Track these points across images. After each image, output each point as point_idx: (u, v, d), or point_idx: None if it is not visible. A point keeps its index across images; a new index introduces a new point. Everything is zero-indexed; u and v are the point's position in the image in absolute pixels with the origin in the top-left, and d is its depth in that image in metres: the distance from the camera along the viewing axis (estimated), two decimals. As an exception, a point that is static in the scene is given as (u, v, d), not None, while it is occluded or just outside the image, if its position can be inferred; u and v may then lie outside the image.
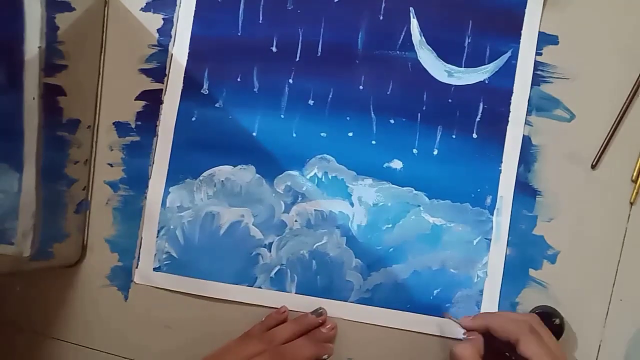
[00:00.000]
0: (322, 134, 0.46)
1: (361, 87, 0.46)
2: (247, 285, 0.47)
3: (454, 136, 0.45)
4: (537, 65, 0.45)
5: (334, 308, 0.46)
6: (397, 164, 0.46)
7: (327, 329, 0.45)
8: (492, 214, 0.45)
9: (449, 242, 0.45)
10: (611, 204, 0.44)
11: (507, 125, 0.45)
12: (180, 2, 0.48)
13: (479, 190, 0.45)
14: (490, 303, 0.44)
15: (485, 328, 0.39)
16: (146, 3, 0.49)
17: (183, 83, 0.48)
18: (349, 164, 0.46)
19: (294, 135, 0.47)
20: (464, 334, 0.41)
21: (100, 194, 0.49)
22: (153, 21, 0.49)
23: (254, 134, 0.47)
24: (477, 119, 0.45)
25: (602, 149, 0.44)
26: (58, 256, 0.46)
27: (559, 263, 0.44)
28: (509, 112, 0.45)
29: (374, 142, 0.46)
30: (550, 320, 0.42)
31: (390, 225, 0.45)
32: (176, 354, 0.47)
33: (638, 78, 0.43)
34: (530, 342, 0.36)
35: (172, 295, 0.48)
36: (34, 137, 0.41)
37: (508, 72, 0.45)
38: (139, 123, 0.49)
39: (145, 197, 0.48)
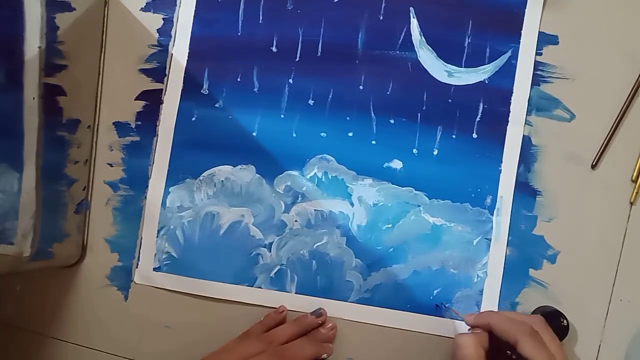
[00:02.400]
0: (322, 134, 0.46)
1: (361, 87, 0.46)
2: (247, 285, 0.47)
3: (454, 136, 0.45)
4: (537, 65, 0.45)
5: (334, 308, 0.46)
6: (397, 164, 0.46)
7: (327, 329, 0.45)
8: (492, 214, 0.45)
9: (449, 242, 0.45)
10: (611, 204, 0.44)
11: (507, 125, 0.45)
12: (180, 2, 0.48)
13: (479, 190, 0.45)
14: (490, 303, 0.44)
15: (487, 326, 0.39)
16: (146, 3, 0.49)
17: (183, 83, 0.48)
18: (349, 164, 0.46)
19: (294, 135, 0.47)
20: (469, 329, 0.41)
21: (100, 194, 0.49)
22: (153, 21, 0.49)
23: (254, 134, 0.47)
24: (477, 119, 0.45)
25: (602, 149, 0.44)
26: (58, 256, 0.46)
27: (559, 263, 0.44)
28: (509, 112, 0.45)
29: (374, 142, 0.46)
30: (559, 320, 0.42)
31: (390, 225, 0.45)
32: (176, 354, 0.47)
33: (638, 78, 0.43)
34: (528, 344, 0.36)
35: (172, 295, 0.48)
36: (34, 137, 0.41)
37: (508, 72, 0.45)
38: (139, 123, 0.49)
39: (145, 197, 0.48)
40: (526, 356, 0.36)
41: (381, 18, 0.46)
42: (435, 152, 0.45)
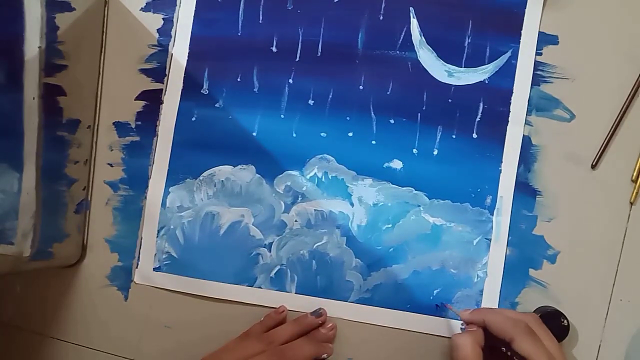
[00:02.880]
0: (322, 134, 0.46)
1: (361, 87, 0.46)
2: (247, 285, 0.47)
3: (454, 136, 0.45)
4: (537, 65, 0.45)
5: (334, 308, 0.46)
6: (397, 164, 0.46)
7: (327, 329, 0.45)
8: (492, 214, 0.45)
9: (449, 242, 0.45)
10: (611, 204, 0.44)
11: (507, 125, 0.45)
12: (180, 2, 0.48)
13: (479, 190, 0.45)
14: (490, 303, 0.44)
15: (483, 323, 0.39)
16: (146, 3, 0.49)
17: (183, 83, 0.48)
18: (349, 164, 0.46)
19: (294, 135, 0.47)
20: (462, 324, 0.41)
21: (100, 194, 0.49)
22: (153, 21, 0.49)
23: (254, 134, 0.47)
24: (477, 119, 0.45)
25: (602, 149, 0.44)
26: (58, 256, 0.46)
27: (559, 263, 0.44)
28: (509, 112, 0.45)
29: (374, 142, 0.46)
30: (559, 321, 0.42)
31: (390, 225, 0.45)
32: (176, 354, 0.47)
33: (638, 78, 0.43)
34: (524, 342, 0.36)
35: (172, 295, 0.48)
36: (34, 137, 0.41)
37: (508, 72, 0.45)
38: (139, 123, 0.49)
39: (145, 197, 0.48)
40: (522, 353, 0.36)
41: (381, 18, 0.46)
42: (435, 152, 0.45)
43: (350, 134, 0.46)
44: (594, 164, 0.44)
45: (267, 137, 0.47)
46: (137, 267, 0.48)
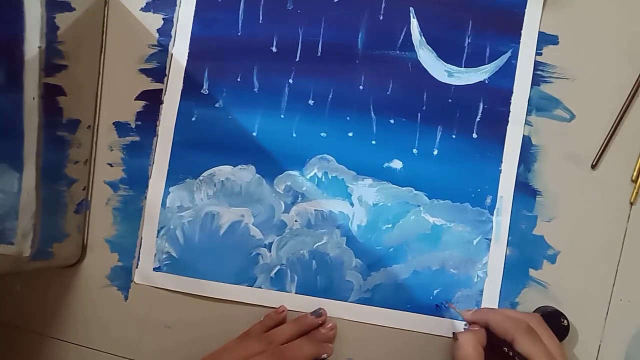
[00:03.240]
0: (322, 134, 0.46)
1: (361, 87, 0.46)
2: (247, 285, 0.47)
3: (454, 136, 0.45)
4: (537, 65, 0.45)
5: (334, 308, 0.46)
6: (397, 164, 0.46)
7: (327, 329, 0.45)
8: (492, 214, 0.45)
9: (449, 242, 0.45)
10: (611, 204, 0.44)
11: (507, 125, 0.45)
12: (180, 2, 0.48)
13: (479, 190, 0.45)
14: (490, 303, 0.44)
15: (485, 323, 0.39)
16: (146, 3, 0.49)
17: (183, 83, 0.48)
18: (349, 164, 0.46)
19: (294, 135, 0.47)
20: (465, 325, 0.42)
21: (100, 194, 0.49)
22: (153, 21, 0.49)
23: (254, 134, 0.47)
24: (477, 119, 0.45)
25: (602, 149, 0.44)
26: (58, 256, 0.46)
27: (559, 263, 0.44)
28: (509, 112, 0.45)
29: (374, 142, 0.46)
30: (559, 320, 0.42)
31: (390, 225, 0.45)
32: (176, 354, 0.47)
33: (638, 78, 0.43)
34: (525, 342, 0.36)
35: (172, 295, 0.48)
36: (34, 137, 0.41)
37: (508, 72, 0.45)
38: (139, 123, 0.49)
39: (145, 197, 0.48)
40: (523, 353, 0.36)
41: (381, 18, 0.46)
42: (435, 152, 0.45)
43: (350, 134, 0.46)
44: (594, 164, 0.44)
45: (267, 137, 0.47)
46: (137, 267, 0.48)
